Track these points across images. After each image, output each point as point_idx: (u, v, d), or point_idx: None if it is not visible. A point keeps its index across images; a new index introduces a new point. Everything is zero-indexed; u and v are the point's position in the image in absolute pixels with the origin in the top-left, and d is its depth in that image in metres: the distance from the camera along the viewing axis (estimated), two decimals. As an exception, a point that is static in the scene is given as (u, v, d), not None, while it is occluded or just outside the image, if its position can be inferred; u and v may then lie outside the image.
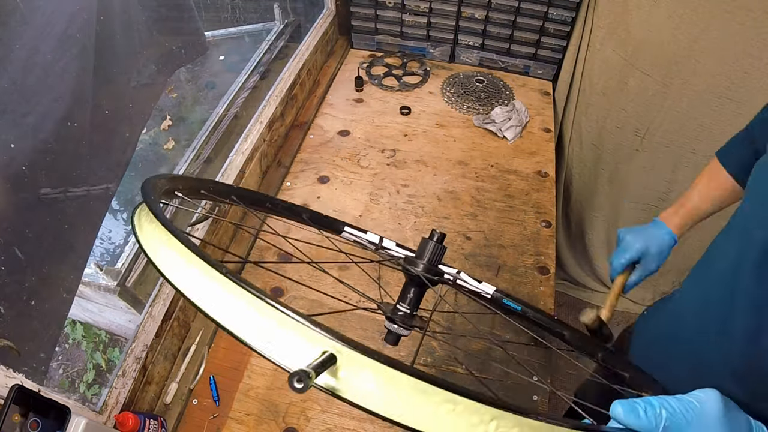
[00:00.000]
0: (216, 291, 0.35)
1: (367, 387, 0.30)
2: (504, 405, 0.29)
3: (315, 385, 0.30)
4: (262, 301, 0.32)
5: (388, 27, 1.45)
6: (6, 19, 0.57)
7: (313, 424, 0.80)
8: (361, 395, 0.30)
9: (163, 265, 0.38)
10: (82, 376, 1.63)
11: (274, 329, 0.32)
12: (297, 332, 0.31)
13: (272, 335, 0.32)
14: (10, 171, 0.60)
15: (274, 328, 0.32)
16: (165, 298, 0.84)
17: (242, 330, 0.34)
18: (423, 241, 0.57)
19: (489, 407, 0.29)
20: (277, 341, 0.32)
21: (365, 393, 0.30)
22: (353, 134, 1.26)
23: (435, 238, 0.56)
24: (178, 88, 1.37)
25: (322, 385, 0.30)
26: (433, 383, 0.29)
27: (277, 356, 0.32)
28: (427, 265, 0.56)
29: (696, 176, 0.84)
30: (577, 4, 1.26)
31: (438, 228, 0.64)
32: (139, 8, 0.83)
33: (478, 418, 0.29)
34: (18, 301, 0.62)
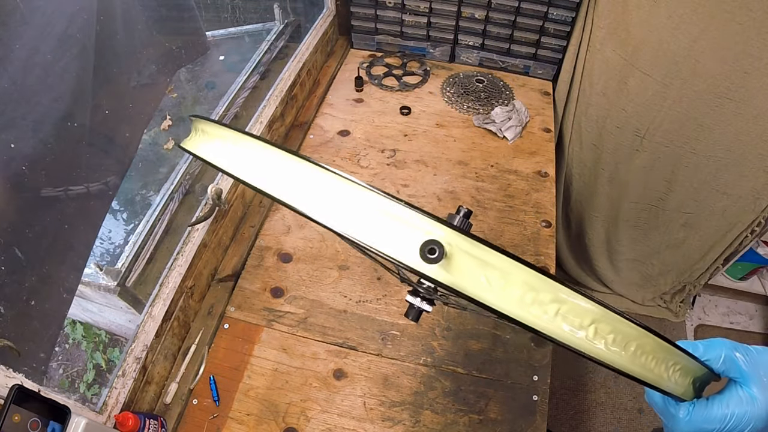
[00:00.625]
0: (311, 182, 0.33)
1: (479, 280, 0.29)
2: (608, 307, 0.30)
3: (432, 279, 0.29)
4: (365, 189, 0.31)
5: (388, 27, 1.45)
6: (6, 19, 0.57)
7: (313, 424, 0.80)
8: (474, 288, 0.29)
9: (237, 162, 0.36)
10: (82, 376, 1.63)
11: (380, 217, 0.31)
12: (402, 221, 0.30)
13: (378, 223, 0.31)
14: (10, 171, 0.60)
15: (380, 215, 0.31)
16: (165, 298, 0.84)
17: (344, 222, 0.32)
18: (450, 216, 0.56)
19: (593, 308, 0.29)
20: (381, 230, 0.31)
21: (478, 286, 0.29)
22: (353, 134, 1.26)
23: (462, 213, 0.54)
24: (178, 88, 1.37)
25: (439, 278, 0.29)
26: (547, 276, 0.29)
27: (381, 246, 0.30)
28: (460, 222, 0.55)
29: (696, 176, 0.83)
30: (577, 4, 1.26)
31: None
32: (140, 8, 0.83)
33: (579, 321, 0.30)
34: (18, 301, 0.62)
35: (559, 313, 0.30)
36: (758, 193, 1.31)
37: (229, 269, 1.00)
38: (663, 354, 0.33)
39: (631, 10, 1.15)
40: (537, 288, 0.29)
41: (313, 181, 0.33)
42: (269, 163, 0.35)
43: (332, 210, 0.32)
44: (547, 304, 0.29)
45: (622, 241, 1.63)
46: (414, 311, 0.52)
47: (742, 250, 1.53)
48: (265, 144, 0.35)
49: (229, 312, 0.93)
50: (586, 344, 0.30)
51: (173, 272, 0.86)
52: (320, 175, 0.33)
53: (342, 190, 0.32)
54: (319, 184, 0.33)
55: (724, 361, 0.39)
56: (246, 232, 1.06)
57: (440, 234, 0.29)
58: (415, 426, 0.80)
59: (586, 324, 0.30)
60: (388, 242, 0.30)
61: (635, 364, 0.31)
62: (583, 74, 1.33)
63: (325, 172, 0.33)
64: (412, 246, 0.29)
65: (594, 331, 0.30)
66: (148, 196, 1.17)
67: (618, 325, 0.30)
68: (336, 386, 0.84)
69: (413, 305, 0.51)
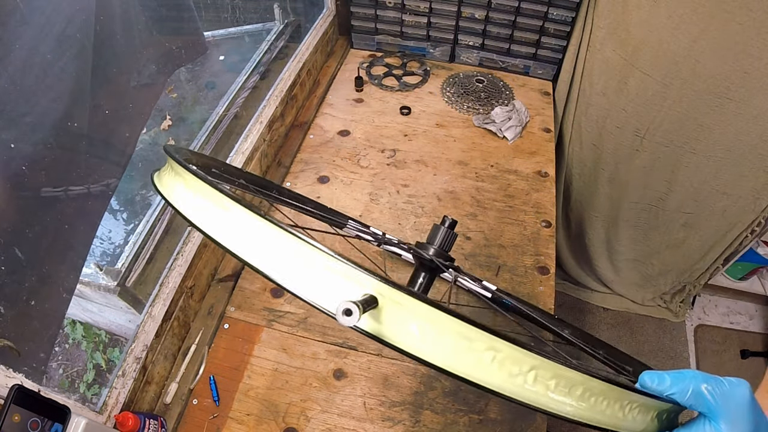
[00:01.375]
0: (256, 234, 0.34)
1: (410, 330, 0.29)
2: (544, 354, 0.29)
3: (358, 328, 0.29)
4: (304, 243, 0.32)
5: (388, 27, 1.45)
6: (6, 19, 0.57)
7: (313, 424, 0.80)
8: (404, 339, 0.29)
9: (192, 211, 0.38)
10: (82, 376, 1.63)
11: (313, 270, 0.32)
12: (338, 274, 0.31)
13: (311, 277, 0.32)
14: (10, 171, 0.60)
15: (313, 269, 0.32)
16: (165, 298, 0.84)
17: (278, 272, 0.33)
18: (434, 227, 0.55)
19: (531, 356, 0.29)
20: (315, 282, 0.32)
21: (408, 336, 0.29)
22: (353, 134, 1.26)
23: (447, 224, 0.54)
24: (178, 88, 1.37)
25: (365, 329, 0.29)
26: (478, 327, 0.28)
27: (315, 298, 0.31)
28: (438, 251, 0.54)
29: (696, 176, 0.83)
30: (577, 4, 1.26)
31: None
32: (139, 8, 0.83)
33: (518, 368, 0.29)
34: (18, 301, 0.62)
35: (496, 359, 0.29)
36: (758, 193, 1.31)
37: (229, 269, 1.00)
38: (615, 394, 0.32)
39: (631, 10, 1.15)
40: (471, 337, 0.29)
41: (265, 236, 0.34)
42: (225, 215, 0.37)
43: (274, 262, 0.34)
44: (482, 351, 0.29)
45: (622, 241, 1.63)
46: None
47: (742, 250, 1.53)
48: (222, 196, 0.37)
49: (229, 312, 0.93)
50: (527, 392, 0.29)
51: (173, 272, 0.86)
52: (272, 231, 0.34)
53: (288, 244, 0.33)
54: (270, 239, 0.34)
55: (691, 395, 0.37)
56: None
57: (373, 285, 0.30)
58: (415, 426, 0.80)
59: (525, 370, 0.29)
60: (322, 295, 0.32)
61: (584, 409, 0.30)
62: (583, 74, 1.33)
63: (277, 229, 0.34)
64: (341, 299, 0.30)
65: (534, 377, 0.29)
66: (148, 196, 1.17)
67: (559, 371, 0.29)
68: (336, 386, 0.84)
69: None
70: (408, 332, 0.29)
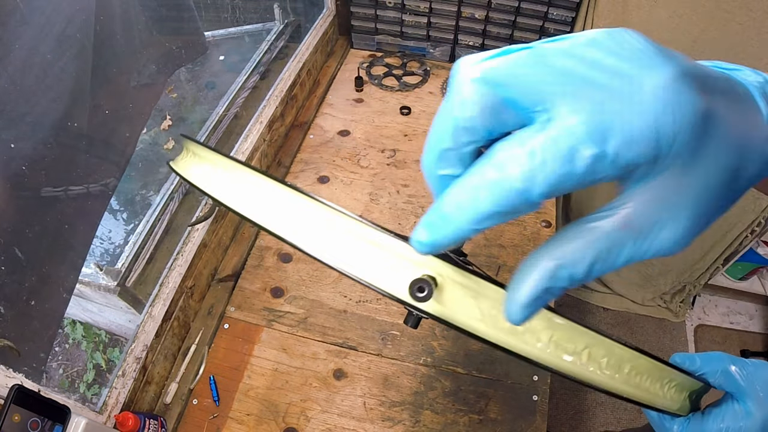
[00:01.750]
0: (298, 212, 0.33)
1: (471, 311, 0.29)
2: (596, 330, 0.29)
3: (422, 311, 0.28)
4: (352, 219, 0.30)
5: (388, 27, 1.45)
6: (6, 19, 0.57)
7: (313, 424, 0.80)
8: (466, 320, 0.29)
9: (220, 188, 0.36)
10: (82, 376, 1.63)
11: (364, 249, 0.30)
12: (393, 253, 0.30)
13: (363, 256, 0.30)
14: (10, 171, 0.60)
15: (363, 247, 0.30)
16: (165, 298, 0.84)
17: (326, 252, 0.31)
18: None
19: (587, 333, 0.29)
20: (367, 262, 0.30)
21: (470, 317, 0.29)
22: (353, 134, 1.26)
23: None
24: (178, 88, 1.37)
25: (431, 312, 0.29)
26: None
27: (369, 278, 0.29)
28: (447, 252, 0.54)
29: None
30: (577, 4, 1.26)
31: None
32: (139, 8, 0.83)
33: (573, 346, 0.29)
34: (18, 301, 0.62)
35: (552, 340, 0.29)
36: (758, 193, 1.31)
37: (229, 269, 1.00)
38: (657, 373, 0.33)
39: (631, 10, 1.15)
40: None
41: (304, 212, 0.33)
42: (259, 191, 0.35)
43: (322, 241, 0.32)
44: (540, 331, 0.29)
45: (622, 241, 1.63)
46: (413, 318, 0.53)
47: (742, 250, 1.53)
48: (256, 172, 0.35)
49: (229, 312, 0.93)
50: (580, 369, 0.30)
51: (173, 272, 0.86)
52: (311, 206, 0.33)
53: (332, 222, 0.32)
54: (310, 215, 0.33)
55: (720, 375, 0.39)
56: (246, 232, 1.06)
57: (432, 265, 0.29)
58: (415, 426, 0.80)
59: (579, 349, 0.30)
60: (379, 276, 0.30)
61: (629, 385, 0.32)
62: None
63: (316, 203, 0.33)
64: (403, 281, 0.29)
65: (588, 355, 0.30)
66: (148, 196, 1.17)
67: (612, 348, 0.30)
68: (336, 386, 0.84)
69: (412, 312, 0.52)
70: (470, 313, 0.29)
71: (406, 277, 0.29)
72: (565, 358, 0.30)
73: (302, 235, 0.32)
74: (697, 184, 0.18)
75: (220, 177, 0.37)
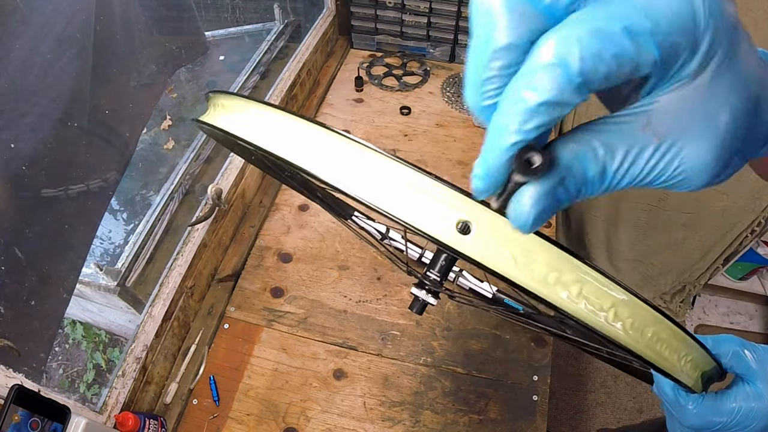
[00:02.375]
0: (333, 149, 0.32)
1: (504, 255, 0.29)
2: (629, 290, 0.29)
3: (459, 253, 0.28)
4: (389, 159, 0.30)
5: (388, 27, 1.45)
6: (6, 19, 0.57)
7: (313, 424, 0.80)
8: (499, 264, 0.29)
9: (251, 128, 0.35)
10: (82, 376, 1.63)
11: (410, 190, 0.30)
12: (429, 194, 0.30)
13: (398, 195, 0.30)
14: (10, 171, 0.60)
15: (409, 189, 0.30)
16: (165, 298, 0.84)
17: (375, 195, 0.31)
18: None
19: (617, 289, 0.29)
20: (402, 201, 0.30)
21: (503, 262, 0.29)
22: (353, 134, 1.26)
23: None
24: (178, 88, 1.37)
25: (471, 255, 0.29)
26: (571, 254, 0.29)
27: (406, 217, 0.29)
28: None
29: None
30: (577, 4, 1.26)
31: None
32: (139, 8, 0.83)
33: (600, 303, 0.30)
34: (18, 301, 0.62)
35: (582, 294, 0.30)
36: (758, 193, 1.31)
37: (229, 269, 1.00)
38: (676, 343, 0.33)
39: (631, 10, 1.15)
40: (560, 269, 0.30)
41: (341, 153, 0.33)
42: (296, 134, 0.34)
43: (362, 182, 0.31)
44: (570, 285, 0.30)
45: (622, 241, 1.63)
46: (419, 304, 0.52)
47: (742, 250, 1.53)
48: (292, 115, 0.34)
49: (229, 312, 0.93)
50: (606, 326, 0.30)
51: (173, 272, 0.86)
52: (348, 147, 0.32)
53: (370, 162, 0.32)
54: (347, 156, 0.32)
55: (732, 357, 0.39)
56: (246, 232, 1.06)
57: (466, 209, 0.29)
58: (415, 426, 0.80)
59: (606, 306, 0.30)
60: (419, 216, 0.30)
61: (652, 351, 0.31)
62: (583, 74, 1.33)
63: (353, 144, 0.32)
64: (445, 221, 0.29)
65: (614, 314, 0.30)
66: (148, 196, 1.17)
67: (637, 309, 0.30)
68: (336, 386, 0.84)
69: (418, 298, 0.50)
70: (503, 258, 0.29)
71: (444, 217, 0.29)
72: (592, 312, 0.30)
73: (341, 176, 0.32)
74: (724, 99, 0.18)
75: (254, 122, 0.36)
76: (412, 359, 0.87)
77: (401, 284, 0.97)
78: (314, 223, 1.07)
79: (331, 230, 1.05)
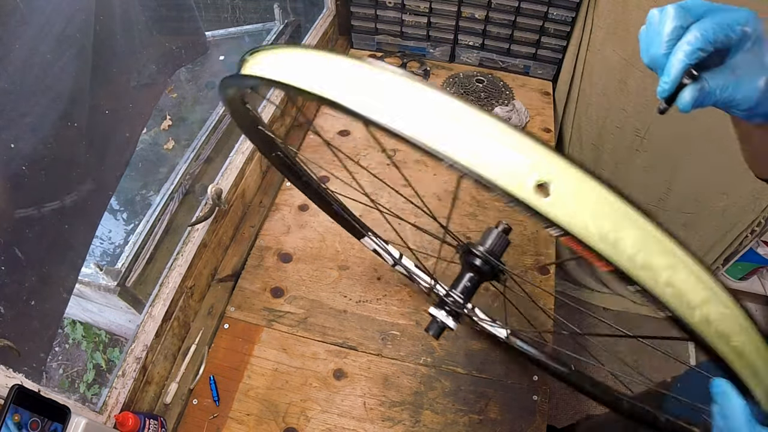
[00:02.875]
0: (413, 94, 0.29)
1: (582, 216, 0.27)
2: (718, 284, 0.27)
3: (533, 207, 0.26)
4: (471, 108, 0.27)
5: (388, 27, 1.45)
6: (6, 19, 0.57)
7: (313, 424, 0.80)
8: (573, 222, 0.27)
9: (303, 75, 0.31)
10: (82, 376, 1.63)
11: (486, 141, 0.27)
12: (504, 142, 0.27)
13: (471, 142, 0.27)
14: (10, 171, 0.60)
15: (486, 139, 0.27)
16: (165, 298, 0.84)
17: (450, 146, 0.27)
18: (487, 229, 0.51)
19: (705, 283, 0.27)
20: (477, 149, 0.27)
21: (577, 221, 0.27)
22: (353, 134, 1.26)
23: (500, 227, 0.50)
24: (178, 88, 1.37)
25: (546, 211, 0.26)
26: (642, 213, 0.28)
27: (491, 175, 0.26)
28: (487, 255, 0.49)
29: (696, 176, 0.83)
30: (577, 4, 1.26)
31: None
32: (139, 8, 0.83)
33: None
34: (18, 301, 0.62)
35: (670, 282, 0.27)
36: (758, 193, 1.31)
37: (229, 269, 1.00)
38: (760, 362, 0.29)
39: (631, 10, 1.15)
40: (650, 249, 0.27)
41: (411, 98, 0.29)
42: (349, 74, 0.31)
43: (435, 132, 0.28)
44: (660, 270, 0.27)
45: (622, 241, 1.63)
46: (436, 326, 0.47)
47: (742, 250, 1.53)
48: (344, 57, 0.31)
49: (229, 312, 0.93)
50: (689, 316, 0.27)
51: (173, 272, 0.86)
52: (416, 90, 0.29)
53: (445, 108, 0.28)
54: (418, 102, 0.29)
55: None
56: (246, 232, 1.06)
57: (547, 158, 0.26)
58: (415, 426, 0.80)
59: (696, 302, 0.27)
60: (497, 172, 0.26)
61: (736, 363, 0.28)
62: (583, 74, 1.33)
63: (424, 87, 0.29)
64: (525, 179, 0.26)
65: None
66: (148, 196, 1.17)
67: (724, 310, 0.28)
68: (336, 386, 0.84)
69: (436, 319, 0.46)
70: (579, 218, 0.27)
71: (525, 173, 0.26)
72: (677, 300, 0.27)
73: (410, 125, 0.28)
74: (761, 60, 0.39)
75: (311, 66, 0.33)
76: (412, 359, 0.87)
77: (401, 284, 0.97)
78: (314, 223, 1.07)
79: (331, 230, 1.05)
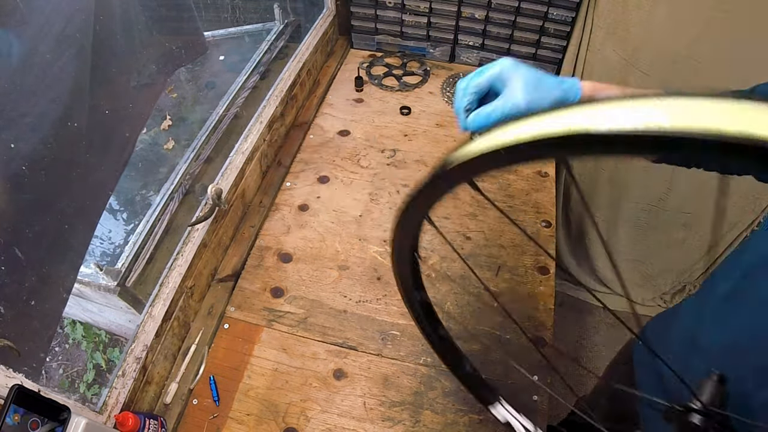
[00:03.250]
0: None
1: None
2: None
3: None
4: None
5: (388, 27, 1.45)
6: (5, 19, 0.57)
7: (313, 424, 0.80)
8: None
9: None
10: (82, 376, 1.63)
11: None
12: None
13: None
14: (10, 171, 0.60)
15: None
16: (165, 298, 0.84)
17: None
18: (701, 381, 0.41)
19: None
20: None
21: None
22: (353, 134, 1.26)
23: (716, 378, 0.40)
24: (178, 88, 1.37)
25: None
26: None
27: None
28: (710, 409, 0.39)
29: (696, 176, 0.83)
30: (577, 4, 1.26)
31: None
32: (139, 8, 0.83)
33: None
34: (18, 301, 0.62)
35: None
36: (758, 193, 1.31)
37: (229, 269, 1.00)
38: None
39: (631, 10, 1.15)
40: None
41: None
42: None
43: None
44: None
45: (622, 241, 1.63)
46: None
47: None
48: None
49: (229, 312, 0.93)
50: None
51: (173, 272, 0.86)
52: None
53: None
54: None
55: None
56: (246, 232, 1.06)
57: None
58: (415, 426, 0.80)
59: None
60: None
61: None
62: (583, 74, 1.33)
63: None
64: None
65: None
66: (148, 196, 1.17)
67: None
68: (336, 386, 0.84)
69: None
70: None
71: None
72: None
73: None
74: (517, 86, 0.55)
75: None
76: (412, 359, 0.87)
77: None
78: (314, 223, 1.07)
79: (331, 230, 1.05)
